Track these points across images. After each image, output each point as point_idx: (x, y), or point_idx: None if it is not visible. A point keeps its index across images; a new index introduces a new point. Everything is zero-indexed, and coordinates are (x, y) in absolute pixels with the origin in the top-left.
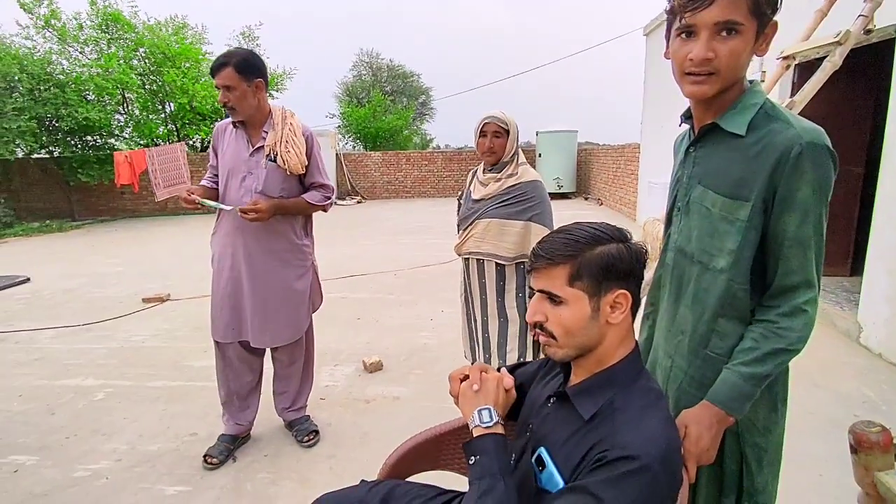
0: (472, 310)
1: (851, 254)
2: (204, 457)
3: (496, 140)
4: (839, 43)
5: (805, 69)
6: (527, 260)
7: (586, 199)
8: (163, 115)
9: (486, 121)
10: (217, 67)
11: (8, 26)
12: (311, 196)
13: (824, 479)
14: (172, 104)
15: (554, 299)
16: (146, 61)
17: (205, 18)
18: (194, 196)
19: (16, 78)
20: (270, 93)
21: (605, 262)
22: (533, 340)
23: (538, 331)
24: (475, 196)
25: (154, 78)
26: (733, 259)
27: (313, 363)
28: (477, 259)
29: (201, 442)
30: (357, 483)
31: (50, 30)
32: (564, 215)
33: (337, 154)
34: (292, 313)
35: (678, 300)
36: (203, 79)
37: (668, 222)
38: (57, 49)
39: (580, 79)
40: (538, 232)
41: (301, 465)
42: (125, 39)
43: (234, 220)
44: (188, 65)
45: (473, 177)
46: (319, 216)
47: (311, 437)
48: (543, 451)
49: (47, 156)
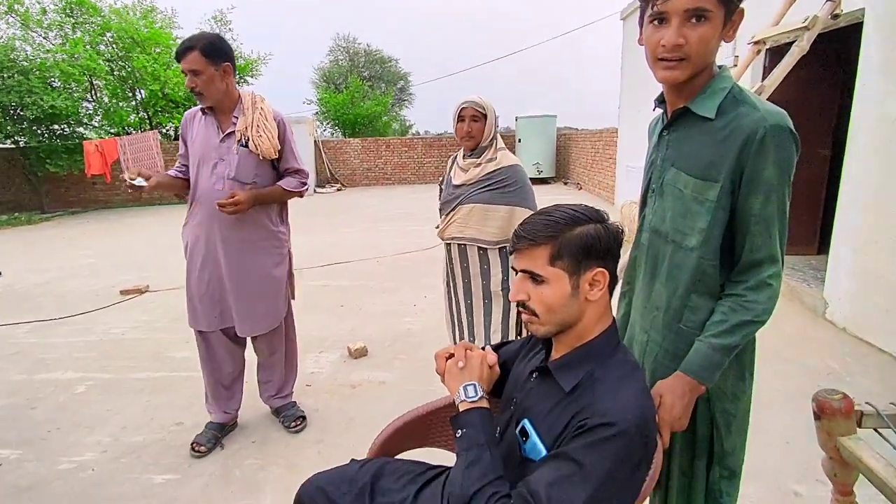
0: (455, 294)
1: (818, 233)
2: (191, 445)
3: (474, 124)
4: (807, 28)
5: (776, 54)
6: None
7: (566, 184)
8: (134, 103)
9: (464, 105)
10: (183, 52)
11: None
12: (288, 183)
13: (791, 446)
14: (144, 91)
15: (536, 278)
16: (114, 46)
17: (174, 2)
18: (125, 175)
19: None
20: (245, 79)
21: (584, 242)
22: (515, 323)
23: (521, 309)
24: (456, 181)
25: (123, 64)
26: (704, 237)
27: (296, 351)
28: (459, 244)
29: (187, 431)
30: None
31: (13, 15)
32: (544, 200)
33: (316, 141)
34: (270, 301)
35: (653, 278)
36: (175, 65)
37: (643, 204)
38: (20, 35)
39: (558, 63)
40: (522, 215)
41: (289, 451)
42: (91, 24)
43: (207, 209)
44: (159, 50)
45: (454, 162)
46: (298, 205)
47: (299, 423)
48: (527, 423)
49: (13, 146)
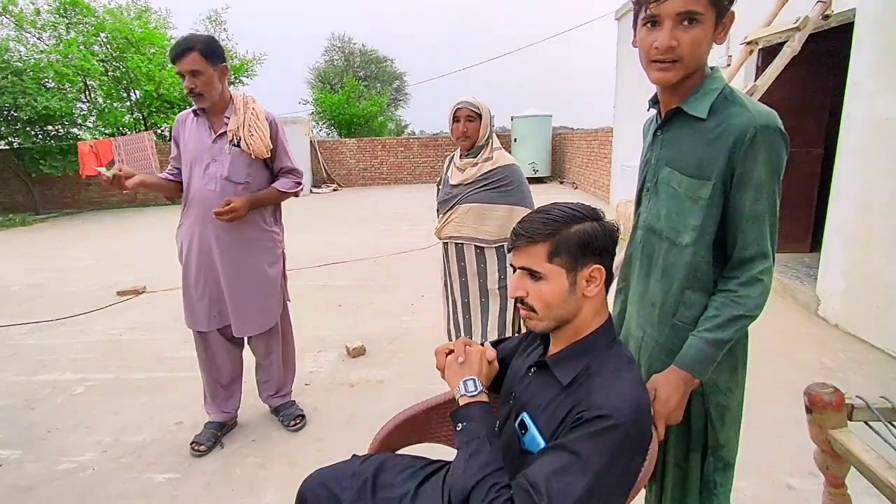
0: (453, 292)
1: (811, 231)
2: (191, 444)
3: (469, 124)
4: (798, 28)
5: (768, 54)
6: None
7: (561, 184)
8: (128, 103)
9: (459, 106)
10: (181, 53)
11: None
12: (282, 184)
13: (783, 440)
14: (138, 91)
15: (534, 275)
16: (108, 47)
17: (168, 2)
18: (99, 169)
19: None
20: (241, 79)
21: (582, 239)
22: (512, 321)
23: (519, 305)
24: (453, 181)
25: (117, 64)
26: (697, 234)
27: (293, 350)
28: (456, 243)
29: (187, 431)
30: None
31: (7, 16)
32: (540, 199)
33: (311, 141)
34: (265, 301)
35: (648, 275)
36: (170, 65)
37: (638, 202)
38: (14, 36)
39: (554, 63)
40: (521, 214)
41: (289, 449)
42: (85, 24)
43: (200, 210)
44: (153, 50)
45: (450, 162)
46: (295, 205)
47: (298, 422)
48: (526, 416)
49: (7, 147)
